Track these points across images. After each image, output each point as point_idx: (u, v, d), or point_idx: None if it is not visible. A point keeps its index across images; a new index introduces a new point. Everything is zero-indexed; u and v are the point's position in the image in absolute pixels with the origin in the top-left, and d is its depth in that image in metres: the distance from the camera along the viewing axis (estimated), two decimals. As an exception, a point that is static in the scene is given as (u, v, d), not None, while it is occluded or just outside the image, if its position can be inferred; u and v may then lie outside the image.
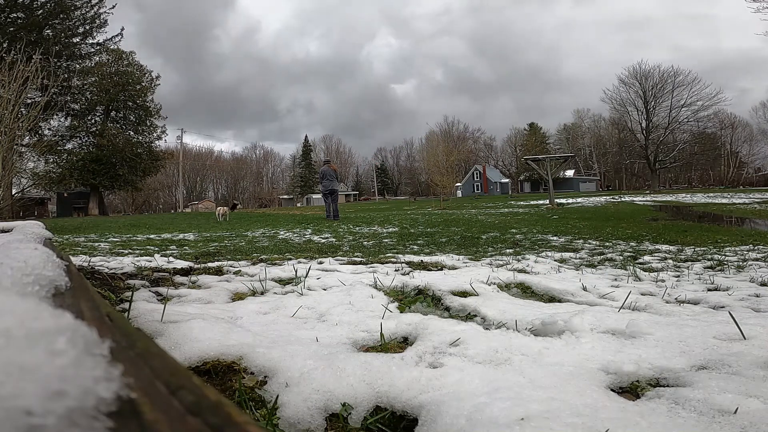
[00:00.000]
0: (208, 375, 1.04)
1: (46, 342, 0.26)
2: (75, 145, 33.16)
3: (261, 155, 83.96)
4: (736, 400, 0.85)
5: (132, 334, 0.50)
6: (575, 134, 71.30)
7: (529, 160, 21.47)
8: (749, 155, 64.96)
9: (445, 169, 34.97)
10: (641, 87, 53.01)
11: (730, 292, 2.26)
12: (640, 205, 19.64)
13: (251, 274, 2.63)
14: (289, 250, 4.84)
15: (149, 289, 2.01)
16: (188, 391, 0.33)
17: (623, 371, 1.03)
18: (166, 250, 4.79)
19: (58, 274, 0.59)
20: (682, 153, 53.24)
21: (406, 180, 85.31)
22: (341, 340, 1.31)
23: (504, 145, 77.99)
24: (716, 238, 6.24)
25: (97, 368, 0.26)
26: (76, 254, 4.06)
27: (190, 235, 7.85)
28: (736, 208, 15.89)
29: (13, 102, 9.76)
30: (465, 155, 63.43)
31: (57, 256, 0.80)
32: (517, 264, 3.45)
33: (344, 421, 0.86)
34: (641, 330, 1.33)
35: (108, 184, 34.08)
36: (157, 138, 36.38)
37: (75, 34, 31.92)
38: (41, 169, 30.29)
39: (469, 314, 1.71)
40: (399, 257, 3.91)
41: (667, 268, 3.48)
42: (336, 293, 1.99)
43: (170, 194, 65.50)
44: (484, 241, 6.08)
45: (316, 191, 65.28)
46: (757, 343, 1.16)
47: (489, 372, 1.04)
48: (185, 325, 1.28)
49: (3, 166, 9.35)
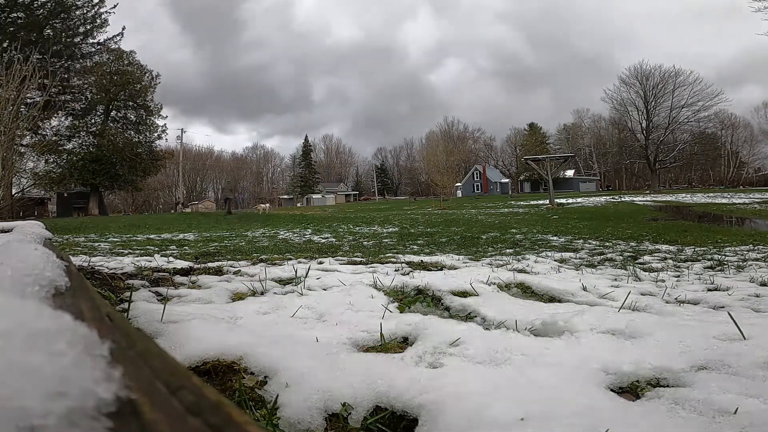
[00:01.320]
0: (208, 375, 1.04)
1: (46, 343, 0.26)
2: (75, 144, 33.12)
3: (261, 155, 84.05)
4: (736, 400, 0.85)
5: (132, 334, 0.50)
6: (575, 134, 71.30)
7: (529, 160, 21.49)
8: (749, 155, 64.98)
9: (445, 169, 34.99)
10: (642, 87, 53.01)
11: (730, 292, 2.26)
12: (640, 205, 19.64)
13: (251, 274, 2.63)
14: (289, 250, 4.84)
15: (149, 289, 2.01)
16: (188, 391, 0.33)
17: (623, 371, 1.03)
18: (166, 250, 4.79)
19: (57, 275, 0.59)
20: (682, 153, 53.22)
21: (406, 180, 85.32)
22: (341, 340, 1.31)
23: (504, 145, 78.06)
24: (716, 238, 6.24)
25: (97, 369, 0.26)
26: (76, 254, 4.06)
27: (190, 235, 7.85)
28: (736, 208, 15.88)
29: (12, 101, 9.76)
30: (465, 155, 63.44)
31: (57, 256, 0.80)
32: (517, 264, 3.45)
33: (344, 421, 0.86)
34: (641, 330, 1.33)
35: (108, 184, 34.06)
36: (158, 138, 36.39)
37: (76, 34, 31.91)
38: (41, 169, 30.29)
39: (469, 314, 1.71)
40: (399, 257, 3.90)
41: (667, 268, 3.48)
42: (336, 293, 1.99)
43: (170, 194, 65.49)
44: (484, 241, 6.08)
45: (316, 191, 65.34)
46: (757, 343, 1.16)
47: (489, 372, 1.04)
48: (185, 325, 1.28)
49: (3, 166, 9.35)
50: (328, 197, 62.08)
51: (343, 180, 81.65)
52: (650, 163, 52.65)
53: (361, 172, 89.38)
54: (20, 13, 28.74)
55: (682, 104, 51.13)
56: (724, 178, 60.65)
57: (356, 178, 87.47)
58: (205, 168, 74.45)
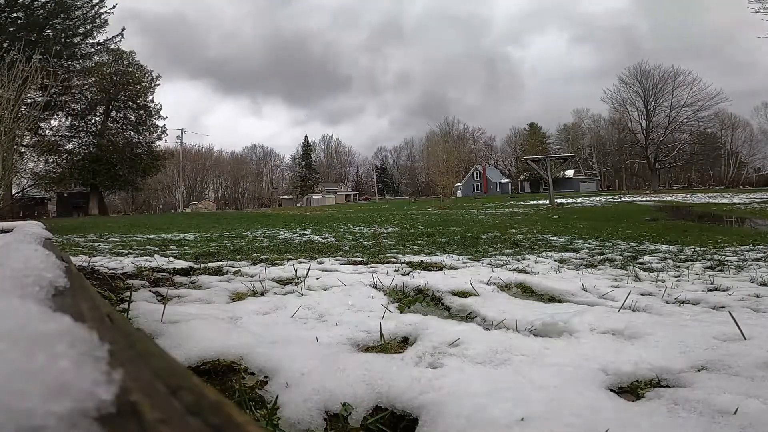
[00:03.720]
0: (208, 375, 1.04)
1: (46, 345, 0.26)
2: (75, 145, 33.13)
3: (261, 155, 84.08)
4: (735, 400, 0.85)
5: (132, 334, 0.50)
6: (575, 134, 71.26)
7: (529, 160, 21.50)
8: (749, 155, 64.92)
9: (445, 169, 34.97)
10: (641, 87, 53.01)
11: (730, 293, 2.26)
12: (640, 205, 19.63)
13: (251, 274, 2.63)
14: (289, 250, 4.84)
15: (149, 289, 2.01)
16: (188, 391, 0.33)
17: (623, 372, 1.03)
18: (166, 250, 4.80)
19: (57, 275, 0.59)
20: (682, 153, 53.19)
21: (406, 180, 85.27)
22: (341, 340, 1.31)
23: (504, 145, 78.01)
24: (716, 238, 6.24)
25: (97, 370, 0.26)
26: (76, 254, 4.06)
27: (190, 235, 7.85)
28: (736, 208, 15.88)
29: (13, 102, 9.76)
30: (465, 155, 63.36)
31: (57, 256, 0.80)
32: (517, 264, 3.45)
33: (344, 421, 0.86)
34: (641, 330, 1.33)
35: (108, 184, 34.06)
36: (158, 138, 36.40)
37: (75, 34, 31.90)
38: (41, 169, 30.30)
39: (469, 314, 1.71)
40: (399, 257, 3.90)
41: (667, 268, 3.47)
42: (336, 293, 1.99)
43: (170, 194, 65.45)
44: (484, 241, 6.08)
45: (316, 191, 65.30)
46: (757, 343, 1.17)
47: (489, 372, 1.04)
48: (185, 326, 1.28)
49: (3, 166, 9.35)
50: (328, 197, 62.06)
51: (343, 180, 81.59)
52: (650, 163, 52.64)
53: (361, 172, 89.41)
54: (20, 13, 28.73)
55: (681, 104, 51.13)
56: (724, 178, 60.62)
57: (356, 178, 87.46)
58: (205, 168, 74.42)
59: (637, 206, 18.99)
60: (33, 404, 0.21)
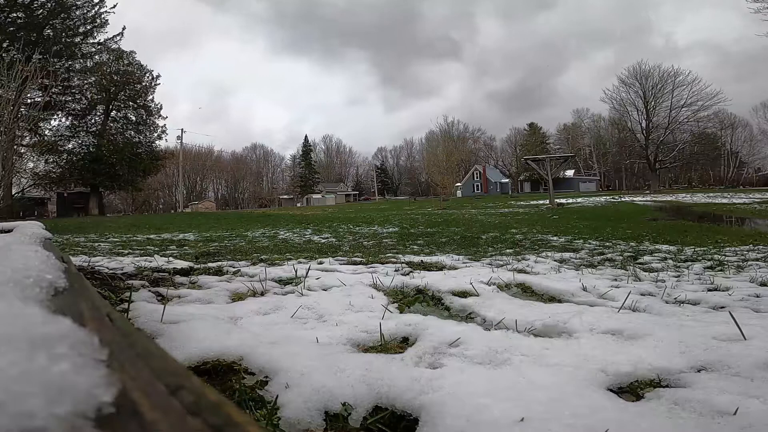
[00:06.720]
0: (208, 375, 1.04)
1: (47, 347, 0.26)
2: (75, 145, 33.11)
3: (261, 155, 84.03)
4: (735, 400, 0.85)
5: (132, 334, 0.50)
6: (575, 134, 71.22)
7: (529, 160, 21.51)
8: (749, 155, 64.89)
9: (445, 169, 34.98)
10: (641, 87, 52.96)
11: (730, 293, 2.26)
12: (640, 205, 19.64)
13: (251, 274, 2.63)
14: (289, 250, 4.84)
15: (149, 290, 2.01)
16: (188, 391, 0.33)
17: (623, 372, 1.03)
18: (165, 251, 4.80)
19: (57, 276, 0.59)
20: (682, 153, 53.15)
21: (406, 180, 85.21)
22: (341, 340, 1.31)
23: (504, 145, 77.98)
24: (716, 238, 6.24)
25: (97, 371, 0.26)
26: (76, 254, 4.06)
27: (190, 235, 7.85)
28: (736, 208, 15.88)
29: (12, 102, 9.76)
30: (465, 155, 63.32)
31: (57, 257, 0.80)
32: (517, 264, 3.45)
33: (344, 421, 0.86)
34: (641, 331, 1.33)
35: (108, 184, 34.07)
36: (158, 138, 36.40)
37: (76, 34, 31.89)
38: (41, 169, 30.31)
39: (469, 314, 1.71)
40: (399, 257, 3.90)
41: (667, 268, 3.47)
42: (336, 293, 1.99)
43: (170, 194, 65.44)
44: (484, 241, 6.08)
45: (316, 191, 65.27)
46: (757, 344, 1.17)
47: (489, 372, 1.04)
48: (185, 326, 1.28)
49: (3, 166, 9.35)
50: (328, 197, 62.03)
51: (343, 180, 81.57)
52: (650, 163, 52.59)
53: (361, 172, 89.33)
54: (20, 13, 28.71)
55: (681, 104, 51.09)
56: (724, 178, 60.63)
57: (356, 178, 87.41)
58: (205, 168, 74.38)
59: (637, 206, 18.99)
60: (34, 406, 0.21)
